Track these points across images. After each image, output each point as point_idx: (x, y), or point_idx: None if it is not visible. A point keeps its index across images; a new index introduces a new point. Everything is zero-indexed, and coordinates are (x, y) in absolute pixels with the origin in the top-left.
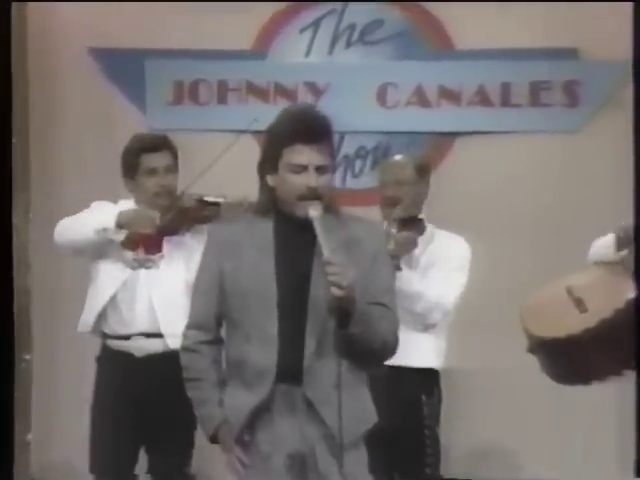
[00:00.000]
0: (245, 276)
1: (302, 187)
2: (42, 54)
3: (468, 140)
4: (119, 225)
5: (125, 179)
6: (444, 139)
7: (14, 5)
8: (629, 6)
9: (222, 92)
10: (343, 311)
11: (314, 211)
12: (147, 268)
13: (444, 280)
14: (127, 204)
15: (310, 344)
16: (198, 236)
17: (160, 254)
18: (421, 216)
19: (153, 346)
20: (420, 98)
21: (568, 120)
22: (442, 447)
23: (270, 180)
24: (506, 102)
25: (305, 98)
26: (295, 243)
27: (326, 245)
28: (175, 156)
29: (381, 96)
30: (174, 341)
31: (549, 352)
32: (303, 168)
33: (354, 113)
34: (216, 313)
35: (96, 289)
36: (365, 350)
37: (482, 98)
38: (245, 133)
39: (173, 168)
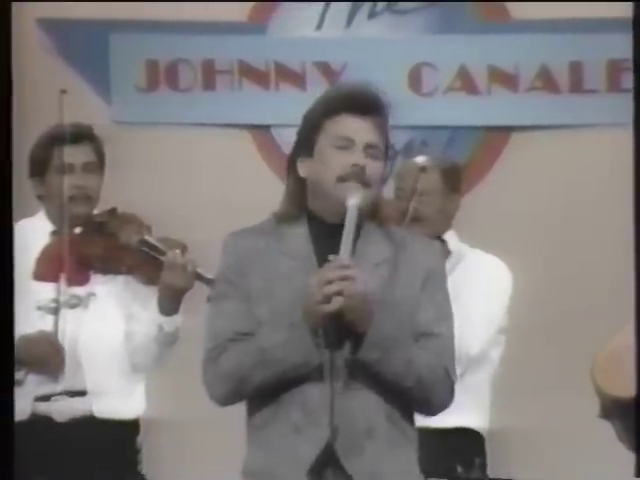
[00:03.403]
0: (283, 291)
1: (346, 165)
2: None
3: (527, 136)
4: (21, 363)
5: (32, 180)
6: (496, 135)
7: None
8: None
9: (208, 75)
10: (350, 330)
11: (353, 198)
12: (72, 307)
13: (466, 315)
14: (40, 218)
15: (341, 371)
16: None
17: (89, 289)
18: (446, 237)
19: (78, 406)
20: (465, 82)
21: None
22: None
23: (302, 168)
24: (576, 87)
25: (315, 82)
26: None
27: (347, 242)
28: (100, 154)
29: (415, 80)
30: (100, 404)
31: (627, 416)
32: (350, 142)
33: None
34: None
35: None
36: (394, 388)
37: (545, 82)
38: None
39: (95, 169)
